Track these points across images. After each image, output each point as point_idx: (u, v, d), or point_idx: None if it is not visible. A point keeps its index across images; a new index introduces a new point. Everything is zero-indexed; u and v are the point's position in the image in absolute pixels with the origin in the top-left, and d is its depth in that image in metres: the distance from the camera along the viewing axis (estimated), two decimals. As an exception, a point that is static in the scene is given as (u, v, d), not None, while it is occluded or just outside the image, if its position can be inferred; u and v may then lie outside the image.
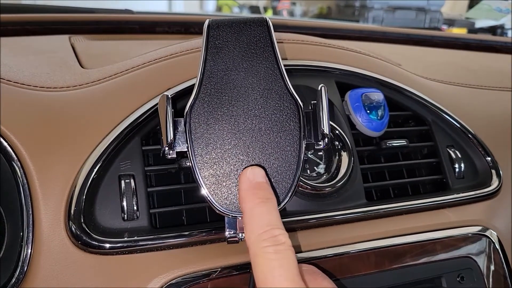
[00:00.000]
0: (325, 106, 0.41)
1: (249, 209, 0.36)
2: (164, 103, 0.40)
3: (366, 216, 0.53)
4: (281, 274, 0.33)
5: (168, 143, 0.39)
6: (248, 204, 0.36)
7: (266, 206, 0.36)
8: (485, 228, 0.58)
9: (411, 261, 0.52)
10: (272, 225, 0.35)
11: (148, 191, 0.46)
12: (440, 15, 3.44)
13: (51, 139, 0.44)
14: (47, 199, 0.43)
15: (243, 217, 0.36)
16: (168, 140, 0.39)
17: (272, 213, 0.36)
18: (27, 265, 0.41)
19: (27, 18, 0.80)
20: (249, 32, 0.42)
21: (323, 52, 0.60)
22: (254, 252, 0.34)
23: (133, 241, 0.43)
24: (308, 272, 0.39)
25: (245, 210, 0.36)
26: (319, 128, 0.41)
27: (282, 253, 0.34)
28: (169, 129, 0.39)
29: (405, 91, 0.61)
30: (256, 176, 0.38)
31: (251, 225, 0.35)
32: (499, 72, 0.84)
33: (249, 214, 0.36)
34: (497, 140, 0.65)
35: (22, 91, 0.48)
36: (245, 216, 0.36)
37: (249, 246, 0.35)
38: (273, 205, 0.37)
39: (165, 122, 0.39)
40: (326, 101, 0.41)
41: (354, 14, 3.52)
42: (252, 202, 0.36)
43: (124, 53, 0.65)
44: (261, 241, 0.34)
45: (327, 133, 0.40)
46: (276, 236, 0.34)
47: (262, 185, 0.38)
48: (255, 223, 0.35)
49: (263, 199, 0.36)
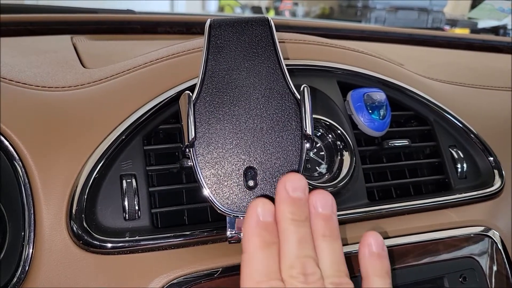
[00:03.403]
0: (308, 107, 0.40)
1: (251, 251, 0.34)
2: (186, 101, 0.40)
3: (368, 216, 0.53)
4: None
5: (189, 142, 0.39)
6: (251, 244, 0.34)
7: (268, 251, 0.34)
8: (488, 228, 0.58)
9: (413, 261, 0.52)
10: (270, 276, 0.33)
11: (150, 191, 0.46)
12: (443, 15, 3.43)
13: (53, 139, 0.45)
14: (48, 199, 0.43)
15: (243, 256, 0.34)
16: (190, 138, 0.39)
17: (272, 261, 0.34)
18: (28, 265, 0.41)
19: (29, 18, 0.80)
20: (250, 32, 0.42)
21: (325, 52, 0.60)
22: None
23: (134, 241, 0.43)
24: None
25: (246, 250, 0.34)
26: (302, 129, 0.40)
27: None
28: (191, 127, 0.39)
29: (407, 91, 0.61)
30: (266, 214, 0.35)
31: (250, 269, 0.34)
32: (501, 72, 0.84)
33: (250, 257, 0.34)
34: (500, 140, 0.65)
35: (24, 91, 0.48)
36: (245, 256, 0.34)
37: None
38: (276, 251, 0.34)
39: (187, 120, 0.39)
40: (309, 102, 0.40)
41: (356, 14, 3.52)
42: (255, 244, 0.34)
43: (125, 53, 0.65)
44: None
45: (310, 134, 0.40)
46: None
47: (270, 226, 0.35)
48: (254, 268, 0.33)
49: (267, 243, 0.34)
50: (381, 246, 0.37)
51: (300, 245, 0.34)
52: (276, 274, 0.33)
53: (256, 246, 0.34)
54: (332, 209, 0.36)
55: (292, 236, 0.34)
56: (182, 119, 0.40)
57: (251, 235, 0.34)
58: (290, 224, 0.34)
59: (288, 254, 0.34)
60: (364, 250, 0.37)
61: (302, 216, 0.35)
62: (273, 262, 0.34)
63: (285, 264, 0.34)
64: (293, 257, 0.34)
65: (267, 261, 0.34)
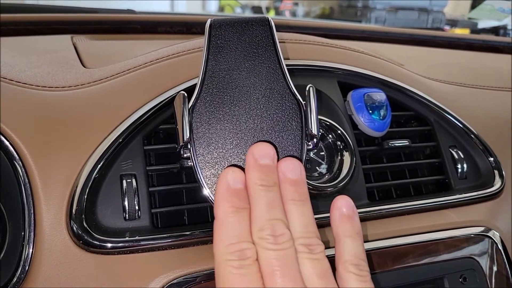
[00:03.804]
0: (313, 107, 0.41)
1: (222, 217, 0.35)
2: (180, 102, 0.40)
3: (368, 216, 0.53)
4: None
5: (184, 142, 0.39)
6: (221, 210, 0.35)
7: (239, 216, 0.35)
8: (488, 228, 0.58)
9: (413, 261, 0.52)
10: (240, 238, 0.34)
11: (150, 191, 0.46)
12: (443, 15, 3.43)
13: (53, 139, 0.44)
14: (48, 199, 0.43)
15: (215, 222, 0.35)
16: (185, 138, 0.39)
17: (243, 225, 0.35)
18: (28, 265, 0.41)
19: (29, 18, 0.80)
20: (251, 32, 0.42)
21: (325, 52, 0.60)
22: (218, 263, 0.34)
23: (134, 241, 0.43)
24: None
25: (217, 216, 0.35)
26: (308, 128, 0.40)
27: (246, 268, 0.33)
28: (185, 127, 0.39)
29: (407, 91, 0.61)
30: (236, 181, 0.36)
31: (221, 234, 0.34)
32: (501, 72, 0.84)
33: (221, 222, 0.35)
34: (500, 140, 0.65)
35: (24, 91, 0.48)
36: (216, 222, 0.35)
37: (214, 255, 0.34)
38: (247, 215, 0.35)
39: (182, 120, 0.39)
40: (315, 102, 0.41)
41: (357, 14, 3.52)
42: (226, 210, 0.35)
43: (126, 53, 0.65)
44: (227, 254, 0.33)
45: (316, 134, 0.40)
46: (243, 250, 0.33)
47: (240, 193, 0.36)
48: (225, 232, 0.34)
49: (238, 208, 0.35)
50: (351, 208, 0.38)
51: (269, 208, 0.35)
52: (247, 237, 0.34)
53: (226, 211, 0.35)
54: (301, 175, 0.37)
55: (261, 200, 0.35)
56: (177, 120, 0.40)
57: (221, 201, 0.35)
58: (259, 190, 0.35)
59: (258, 218, 0.35)
60: (335, 213, 0.38)
61: (271, 182, 0.36)
62: (243, 226, 0.35)
63: (255, 227, 0.35)
64: (262, 220, 0.34)
65: (237, 225, 0.34)
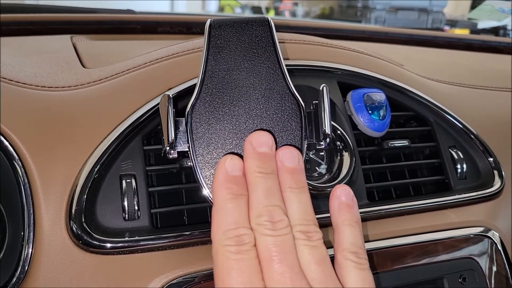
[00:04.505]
0: (327, 106, 0.41)
1: (220, 203, 0.35)
2: (166, 103, 0.40)
3: (368, 216, 0.53)
4: (238, 275, 0.32)
5: (169, 143, 0.39)
6: (219, 197, 0.35)
7: (237, 202, 0.35)
8: (487, 229, 0.58)
9: (412, 262, 0.52)
10: (238, 224, 0.34)
11: (149, 191, 0.46)
12: (443, 15, 3.43)
13: (52, 139, 0.44)
14: (48, 199, 0.43)
15: (213, 209, 0.35)
16: (169, 140, 0.39)
17: (241, 211, 0.35)
18: (28, 265, 0.41)
19: (29, 18, 0.80)
20: (250, 32, 0.42)
21: (325, 52, 0.60)
22: (216, 249, 0.34)
23: (134, 241, 0.43)
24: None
25: (215, 202, 0.35)
26: (321, 128, 0.41)
27: (243, 254, 0.33)
28: (170, 129, 0.39)
29: (407, 92, 0.61)
30: (235, 168, 0.36)
31: (218, 220, 0.34)
32: (501, 73, 0.84)
33: (219, 208, 0.35)
34: (500, 141, 0.65)
35: (24, 91, 0.48)
36: (214, 208, 0.35)
37: (212, 241, 0.34)
38: (245, 202, 0.35)
39: (166, 122, 0.39)
40: (328, 101, 0.41)
41: (356, 14, 3.52)
42: (224, 196, 0.35)
43: (125, 53, 0.65)
44: (225, 239, 0.33)
45: (329, 133, 0.40)
46: (241, 235, 0.33)
47: (238, 180, 0.36)
48: (223, 218, 0.34)
49: (236, 194, 0.35)
50: (350, 197, 0.38)
51: (267, 195, 0.35)
52: (245, 223, 0.34)
53: (224, 198, 0.35)
54: (299, 163, 0.38)
55: (259, 187, 0.35)
56: (162, 121, 0.40)
57: (219, 187, 0.35)
58: (257, 177, 0.36)
59: (256, 204, 0.35)
60: (334, 201, 0.38)
61: (269, 169, 0.36)
62: (241, 212, 0.35)
63: (253, 214, 0.35)
64: (260, 207, 0.35)
65: (235, 211, 0.35)
